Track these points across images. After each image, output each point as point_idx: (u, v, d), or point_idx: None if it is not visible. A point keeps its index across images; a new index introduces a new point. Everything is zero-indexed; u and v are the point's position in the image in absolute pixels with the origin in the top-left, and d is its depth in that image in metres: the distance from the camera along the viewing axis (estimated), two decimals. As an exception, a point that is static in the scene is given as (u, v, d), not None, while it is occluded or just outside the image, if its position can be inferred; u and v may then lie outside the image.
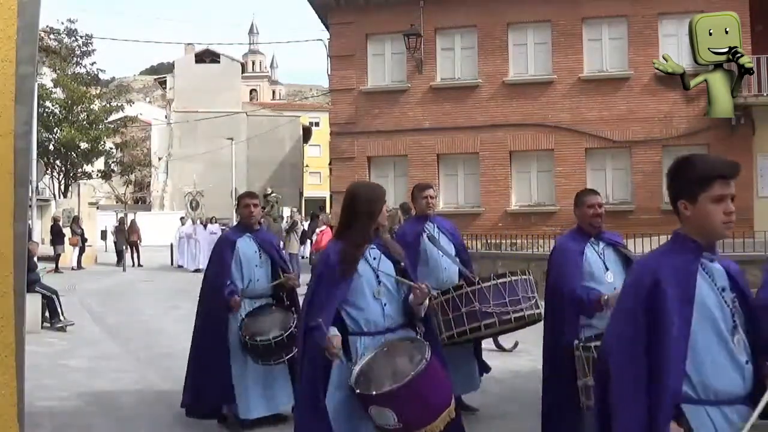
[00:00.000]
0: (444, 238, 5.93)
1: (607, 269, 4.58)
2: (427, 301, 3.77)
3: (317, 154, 59.48)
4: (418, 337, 3.77)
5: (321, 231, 16.89)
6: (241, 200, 6.07)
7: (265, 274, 5.97)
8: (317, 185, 58.94)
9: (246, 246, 5.93)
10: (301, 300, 5.37)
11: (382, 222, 3.88)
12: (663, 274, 2.47)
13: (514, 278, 5.25)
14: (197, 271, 21.47)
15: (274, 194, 21.88)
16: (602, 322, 4.29)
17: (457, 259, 5.87)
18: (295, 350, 5.24)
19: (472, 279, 5.43)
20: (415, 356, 3.53)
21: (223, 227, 27.78)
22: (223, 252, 5.94)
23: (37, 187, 22.96)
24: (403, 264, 3.86)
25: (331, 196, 25.24)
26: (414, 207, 6.25)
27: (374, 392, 3.44)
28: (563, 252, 4.72)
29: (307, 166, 56.52)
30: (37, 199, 22.91)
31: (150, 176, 52.00)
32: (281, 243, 18.52)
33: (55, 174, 30.61)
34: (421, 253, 5.83)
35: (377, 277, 3.75)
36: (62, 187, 30.69)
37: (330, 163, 26.98)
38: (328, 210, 32.85)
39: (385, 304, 3.73)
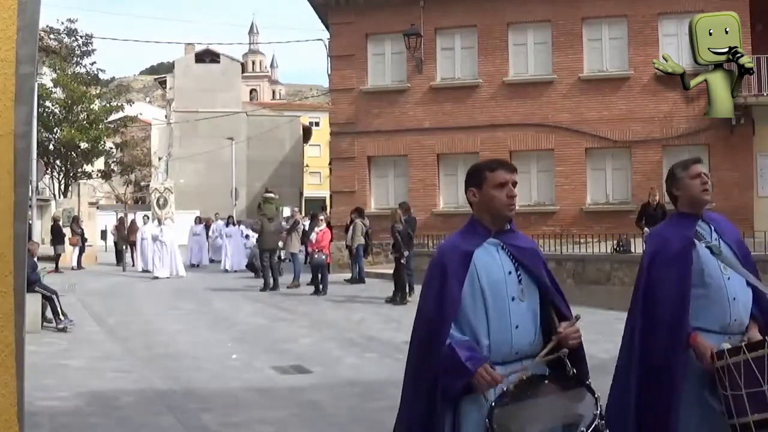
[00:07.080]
0: (725, 248, 3.41)
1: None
2: None
3: (317, 154, 59.58)
4: None
5: (321, 230, 16.86)
6: (492, 176, 3.24)
7: (529, 313, 2.95)
8: (317, 185, 58.97)
9: (491, 261, 3.04)
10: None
11: None
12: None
13: None
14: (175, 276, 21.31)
15: (272, 193, 21.82)
16: None
17: (760, 284, 3.37)
18: None
19: None
20: None
21: (207, 227, 27.61)
22: (448, 275, 2.93)
23: (37, 187, 22.99)
24: None
25: (331, 196, 25.22)
26: (677, 195, 3.55)
27: None
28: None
29: (307, 166, 56.54)
30: (37, 199, 22.94)
31: (150, 176, 52.00)
32: (280, 243, 18.45)
33: (55, 174, 30.65)
34: (696, 272, 3.34)
35: None
36: (62, 187, 30.73)
37: (330, 163, 26.98)
38: (328, 210, 32.86)
39: None
